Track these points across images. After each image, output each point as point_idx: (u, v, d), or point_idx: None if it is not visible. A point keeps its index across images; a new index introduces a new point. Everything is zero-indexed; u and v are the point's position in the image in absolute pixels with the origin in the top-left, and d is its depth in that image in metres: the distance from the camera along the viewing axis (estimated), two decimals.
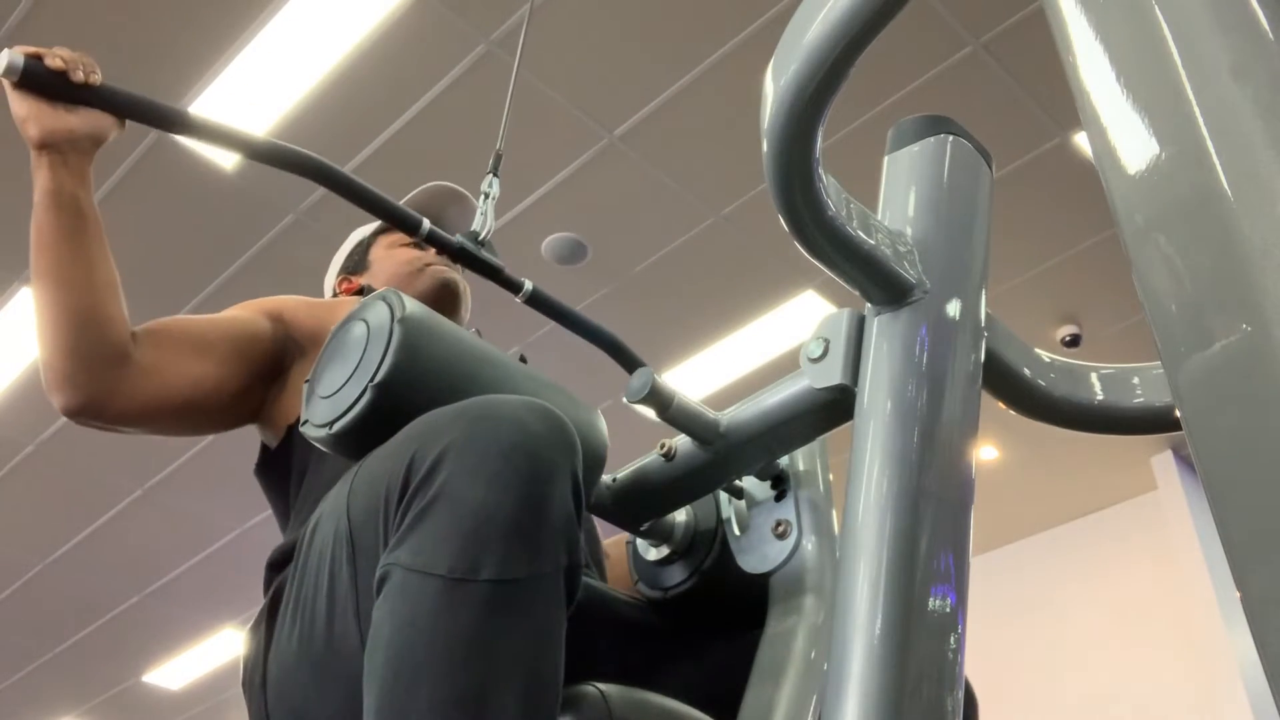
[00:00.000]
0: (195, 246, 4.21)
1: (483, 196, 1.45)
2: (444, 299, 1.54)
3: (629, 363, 1.39)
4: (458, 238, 1.34)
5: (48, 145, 1.16)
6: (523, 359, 1.44)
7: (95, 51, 1.25)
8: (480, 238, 1.37)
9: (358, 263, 1.63)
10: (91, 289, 1.17)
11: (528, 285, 1.37)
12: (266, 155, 1.20)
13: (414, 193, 1.65)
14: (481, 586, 0.74)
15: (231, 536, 5.82)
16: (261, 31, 3.45)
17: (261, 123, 3.73)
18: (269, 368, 1.32)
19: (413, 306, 0.92)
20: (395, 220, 1.27)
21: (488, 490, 0.76)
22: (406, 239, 1.60)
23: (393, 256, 1.59)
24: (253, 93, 3.64)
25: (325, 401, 0.92)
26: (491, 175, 1.48)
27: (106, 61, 1.28)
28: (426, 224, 1.28)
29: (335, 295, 1.62)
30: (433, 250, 1.58)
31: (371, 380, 0.88)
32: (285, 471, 1.29)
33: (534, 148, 3.83)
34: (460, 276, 1.59)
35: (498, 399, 0.84)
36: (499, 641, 0.74)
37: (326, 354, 0.96)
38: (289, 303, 1.39)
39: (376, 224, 1.66)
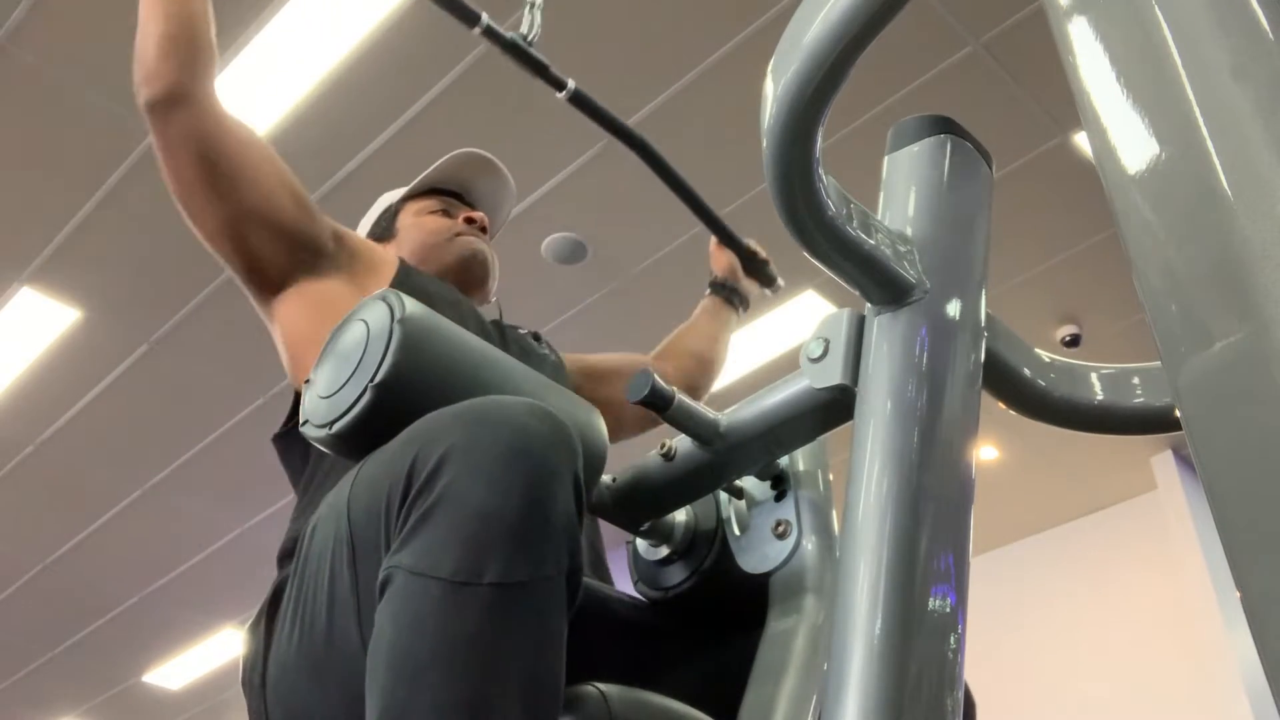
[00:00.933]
0: (195, 247, 4.21)
1: (529, 5, 1.50)
2: (472, 269, 1.53)
3: (657, 164, 1.47)
4: (510, 35, 1.41)
5: None
6: (536, 336, 1.45)
7: (95, 52, 1.25)
8: (528, 38, 1.43)
9: (385, 229, 1.61)
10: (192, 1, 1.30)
11: (570, 84, 1.42)
12: None
13: (447, 156, 1.64)
14: (484, 590, 0.74)
15: (231, 536, 5.82)
16: (262, 31, 3.45)
17: (262, 123, 3.73)
18: (310, 247, 1.35)
19: (413, 307, 0.92)
20: (456, 10, 1.36)
21: (490, 493, 0.76)
22: (433, 206, 1.60)
23: (421, 225, 1.57)
24: (253, 92, 3.64)
25: (325, 401, 0.92)
26: None
27: (107, 62, 1.29)
28: (485, 18, 1.38)
29: None
30: (461, 219, 1.58)
31: (371, 381, 0.88)
32: (305, 446, 1.28)
33: (534, 148, 3.83)
34: (489, 248, 1.58)
35: (499, 401, 0.84)
36: (502, 645, 0.74)
37: (326, 354, 0.95)
38: (349, 231, 1.45)
39: (404, 190, 1.65)
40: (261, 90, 3.64)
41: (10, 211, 3.98)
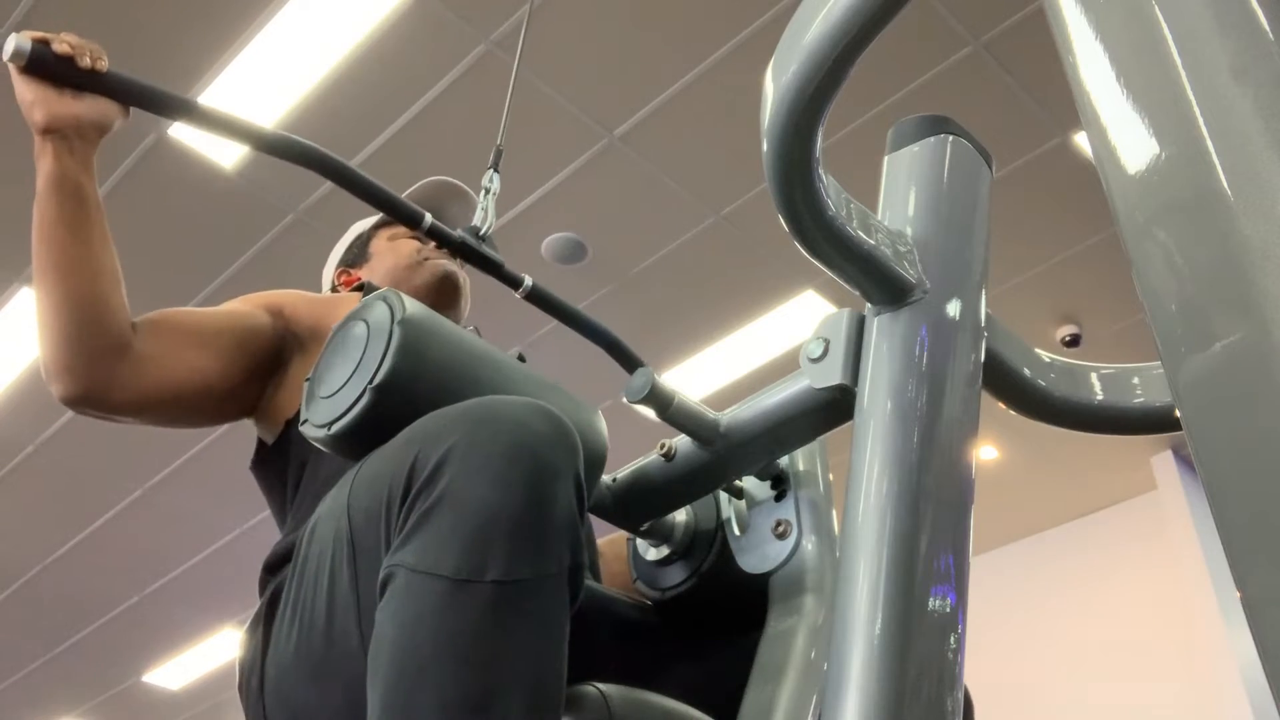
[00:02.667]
0: (195, 246, 4.21)
1: (483, 192, 1.46)
2: (444, 292, 1.54)
3: (628, 361, 1.39)
4: (459, 233, 1.34)
5: (53, 131, 1.16)
6: (521, 358, 1.45)
7: None
8: (481, 233, 1.37)
9: (357, 255, 1.63)
10: (93, 277, 1.17)
11: (527, 281, 1.37)
12: (271, 146, 1.20)
13: (415, 187, 1.65)
14: (486, 588, 0.74)
15: (231, 536, 5.82)
16: (262, 31, 3.45)
17: (262, 122, 3.73)
18: (268, 362, 1.32)
19: (413, 308, 0.92)
20: (398, 214, 1.27)
21: (491, 491, 0.76)
22: (407, 232, 1.61)
23: (393, 249, 1.59)
24: (253, 92, 3.64)
25: (325, 402, 0.92)
26: (492, 170, 1.49)
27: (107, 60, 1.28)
28: (429, 218, 1.29)
29: (334, 288, 1.62)
30: (433, 244, 1.58)
31: (371, 381, 0.88)
32: (283, 468, 1.29)
33: (534, 148, 3.83)
34: (461, 270, 1.60)
35: (500, 400, 0.84)
36: (504, 642, 0.74)
37: (327, 354, 0.95)
38: (289, 297, 1.39)
39: (376, 217, 1.66)
40: (262, 90, 3.64)
41: (10, 211, 3.98)
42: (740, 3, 3.45)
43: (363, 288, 1.53)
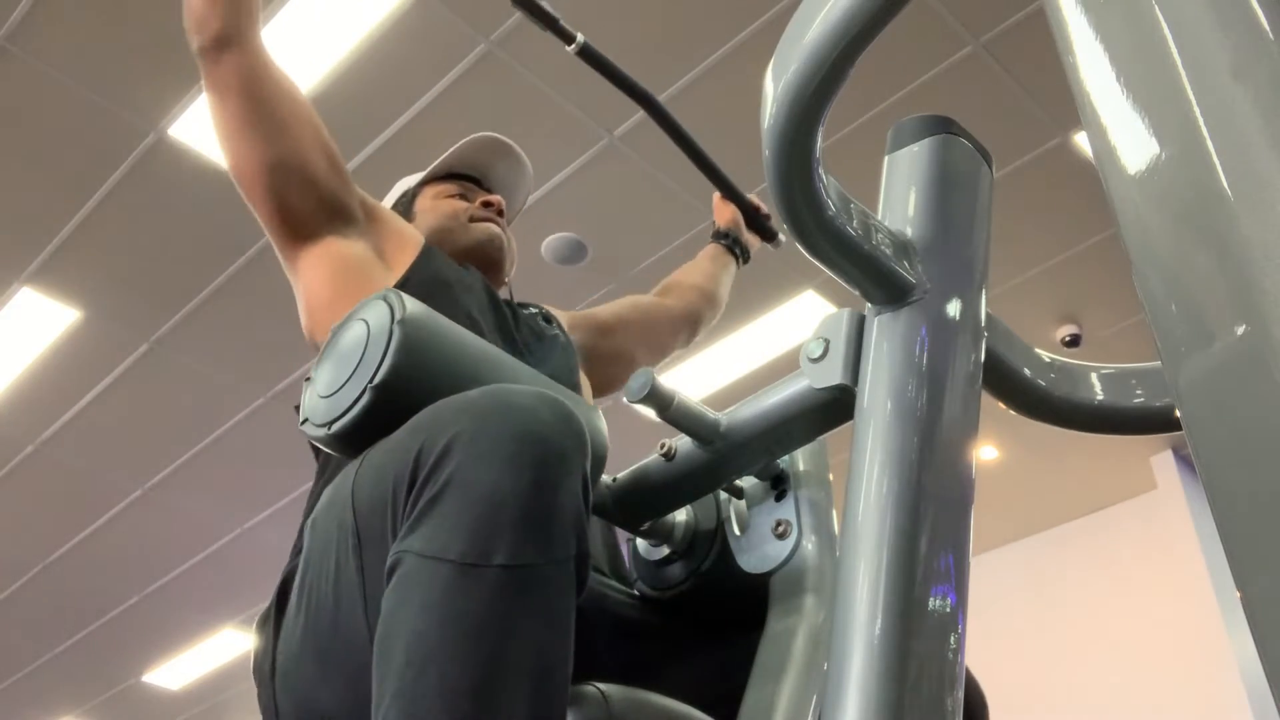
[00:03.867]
0: (195, 246, 4.21)
1: None
2: (488, 252, 1.55)
3: (663, 118, 1.49)
4: None
5: None
6: (546, 317, 1.47)
7: (95, 51, 1.25)
8: None
9: (403, 212, 1.62)
10: None
11: (580, 38, 1.43)
12: None
13: (464, 140, 1.65)
14: (494, 572, 0.74)
15: (231, 536, 5.82)
16: (261, 31, 3.45)
17: None
18: (337, 207, 1.38)
19: (413, 307, 0.92)
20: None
21: (499, 476, 0.76)
22: (451, 190, 1.61)
23: (438, 208, 1.59)
24: None
25: (324, 401, 0.92)
26: None
27: (106, 60, 1.29)
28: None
29: None
30: (478, 203, 1.59)
31: (370, 381, 0.88)
32: None
33: (534, 148, 3.82)
34: (506, 231, 1.60)
35: (507, 388, 0.84)
36: (510, 627, 0.74)
37: (326, 353, 0.96)
38: (378, 204, 1.48)
39: (422, 174, 1.66)
40: None
41: (10, 211, 3.98)
42: (740, 3, 3.45)
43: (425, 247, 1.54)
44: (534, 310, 1.56)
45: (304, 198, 1.36)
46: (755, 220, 2.02)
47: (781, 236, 2.03)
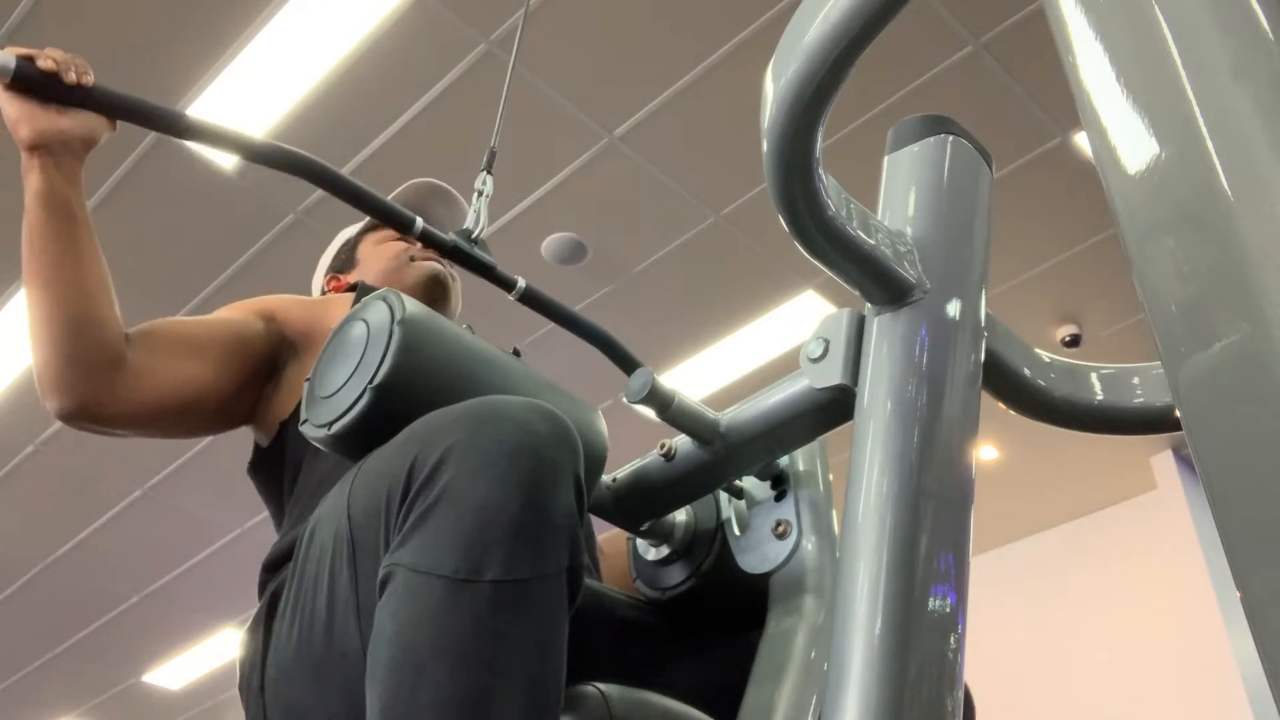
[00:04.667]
0: (195, 247, 4.21)
1: (476, 194, 1.45)
2: (433, 292, 1.55)
3: (625, 362, 1.39)
4: (450, 236, 1.33)
5: (39, 147, 1.14)
6: (515, 352, 1.45)
7: (95, 51, 1.24)
8: (473, 235, 1.37)
9: (345, 261, 1.63)
10: (84, 292, 1.16)
11: (521, 283, 1.36)
12: (262, 156, 1.19)
13: (399, 189, 1.65)
14: (485, 587, 0.74)
15: (231, 536, 5.82)
16: (261, 32, 3.45)
17: (261, 122, 3.74)
18: (263, 368, 1.32)
19: (413, 308, 0.92)
20: (389, 219, 1.27)
21: (491, 491, 0.76)
22: (393, 235, 1.61)
23: (381, 252, 1.60)
24: (253, 92, 3.64)
25: (325, 402, 0.92)
26: (485, 173, 1.48)
27: (107, 61, 1.28)
28: (420, 222, 1.28)
29: (324, 294, 1.62)
30: (420, 244, 1.59)
31: (371, 382, 0.88)
32: (279, 469, 1.29)
33: (534, 148, 3.83)
34: (450, 270, 1.60)
35: (500, 400, 0.84)
36: (502, 642, 0.74)
37: (326, 354, 0.96)
38: (281, 302, 1.39)
39: (363, 222, 1.67)
40: (261, 90, 3.64)
41: (10, 212, 3.98)
42: (740, 3, 3.44)
43: (354, 288, 1.53)
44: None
45: (242, 406, 1.32)
46: None
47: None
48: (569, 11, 3.42)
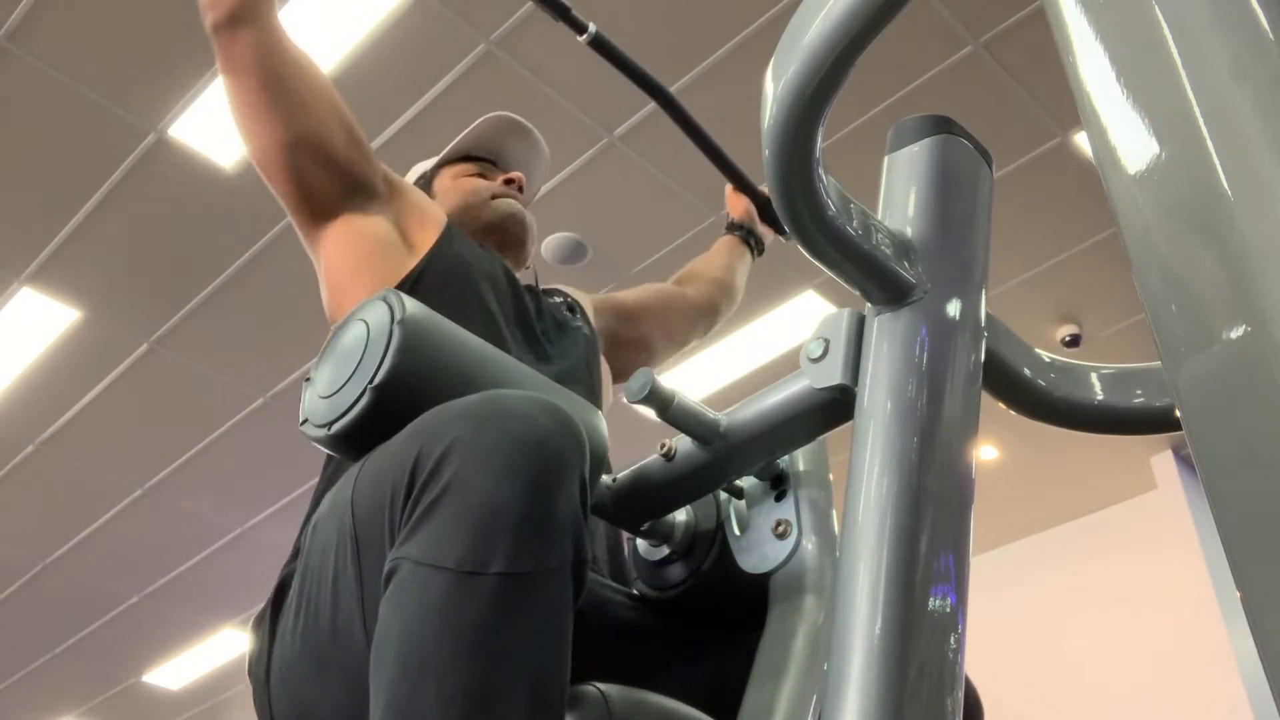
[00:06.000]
0: (195, 247, 4.21)
1: None
2: (511, 229, 1.54)
3: (678, 114, 1.44)
4: None
5: None
6: (570, 307, 1.47)
7: (93, 54, 1.25)
8: None
9: None
10: None
11: (592, 28, 1.42)
12: None
13: (478, 121, 1.65)
14: (491, 579, 0.74)
15: (231, 536, 5.82)
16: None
17: None
18: (359, 183, 1.37)
19: (413, 307, 0.92)
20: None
21: (496, 484, 0.76)
22: (470, 170, 1.61)
23: (458, 187, 1.58)
24: None
25: (324, 401, 0.92)
26: None
27: (106, 61, 1.29)
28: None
29: None
30: (500, 180, 1.58)
31: (370, 382, 0.88)
32: None
33: None
34: (527, 210, 1.59)
35: (504, 394, 0.84)
36: (508, 634, 0.74)
37: (326, 354, 0.96)
38: (401, 179, 1.48)
39: (437, 157, 1.66)
40: None
41: (10, 211, 3.98)
42: (740, 3, 3.45)
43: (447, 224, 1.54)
44: (559, 299, 1.54)
45: (323, 176, 1.36)
46: (768, 212, 1.99)
47: None
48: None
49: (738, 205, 1.99)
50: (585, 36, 1.40)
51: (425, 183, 1.63)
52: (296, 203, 1.37)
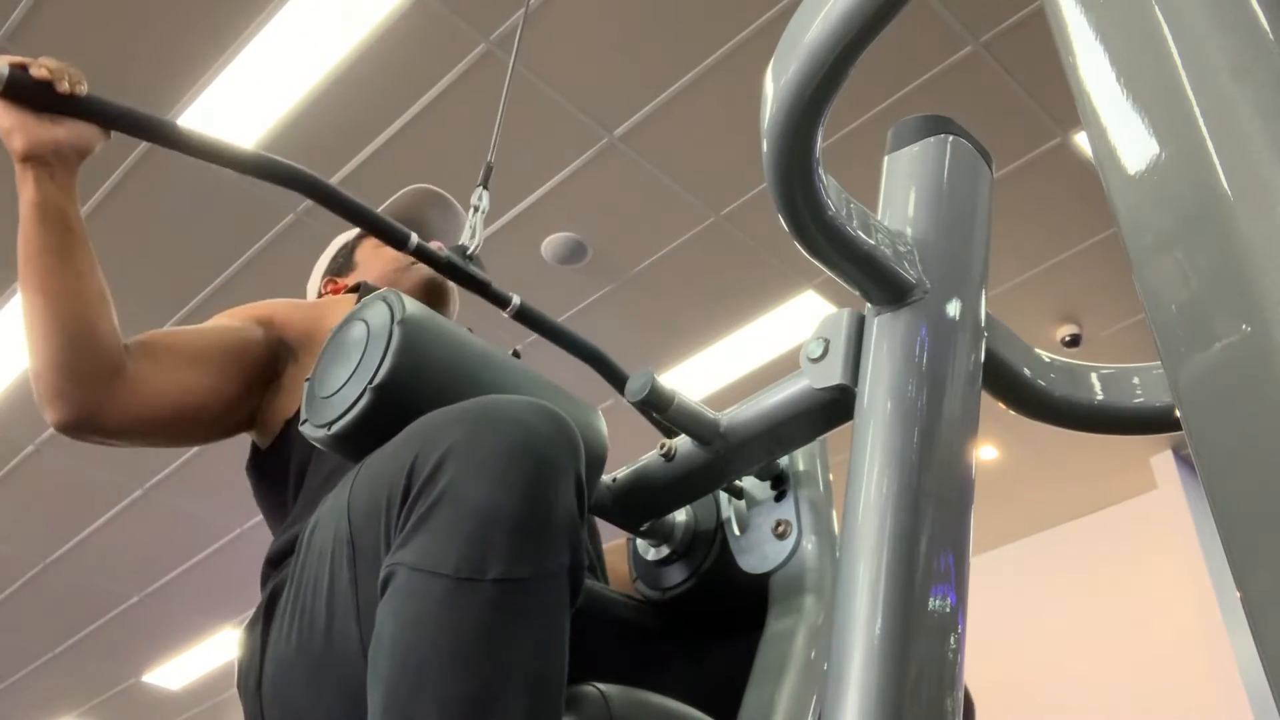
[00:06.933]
0: (195, 247, 4.21)
1: (472, 210, 1.44)
2: (432, 296, 1.55)
3: (614, 376, 1.38)
4: (445, 253, 1.32)
5: (33, 157, 1.13)
6: (515, 354, 1.45)
7: (94, 54, 1.24)
8: (469, 252, 1.36)
9: (343, 264, 1.64)
10: (81, 303, 1.15)
11: (515, 300, 1.35)
12: (255, 168, 1.17)
13: (395, 196, 1.65)
14: (487, 586, 0.74)
15: (231, 536, 5.82)
16: (261, 31, 3.45)
17: (261, 122, 3.74)
18: (263, 373, 1.32)
19: (413, 308, 0.92)
20: (383, 234, 1.25)
21: (492, 490, 0.76)
22: None
23: (379, 256, 1.60)
24: (254, 92, 3.64)
25: (325, 402, 0.92)
26: (481, 188, 1.47)
27: (106, 62, 1.28)
28: (414, 239, 1.27)
29: (320, 297, 1.62)
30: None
31: (371, 382, 0.88)
32: (283, 467, 1.29)
33: (534, 148, 3.83)
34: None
35: (500, 399, 0.84)
36: (504, 641, 0.74)
37: (327, 354, 0.96)
38: (278, 306, 1.38)
39: (357, 230, 1.67)
40: (262, 90, 3.64)
41: (10, 212, 3.98)
42: (740, 3, 3.44)
43: (357, 289, 1.53)
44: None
45: (244, 412, 1.32)
46: None
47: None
48: (569, 11, 3.42)
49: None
50: (509, 310, 1.34)
51: (348, 252, 1.64)
52: (227, 436, 1.35)
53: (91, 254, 1.18)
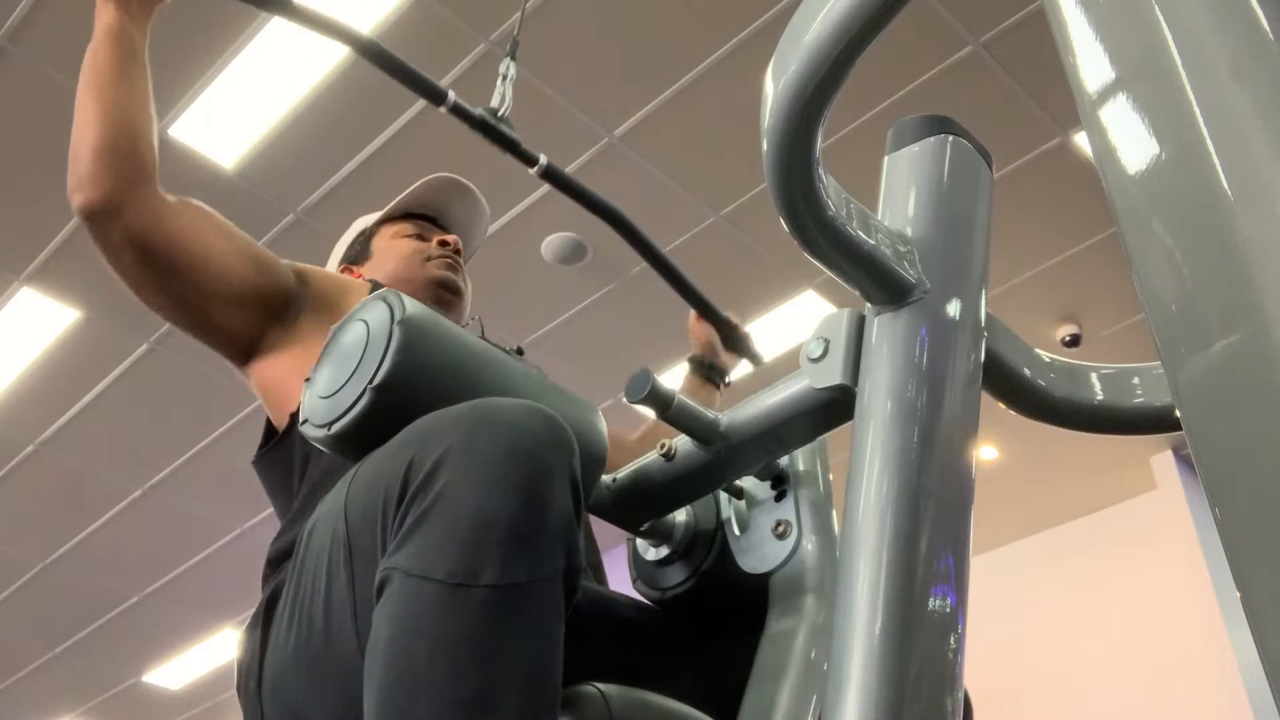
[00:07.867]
0: None
1: (501, 78, 1.50)
2: (442, 294, 1.55)
3: (633, 236, 1.46)
4: (479, 110, 1.40)
5: None
6: (519, 351, 1.46)
7: None
8: (500, 113, 1.42)
9: (359, 252, 1.63)
10: (132, 110, 1.23)
11: (542, 159, 1.41)
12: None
13: (418, 183, 1.65)
14: (482, 591, 0.74)
15: (231, 536, 5.82)
16: (262, 31, 3.45)
17: (260, 122, 3.74)
18: (275, 299, 1.33)
19: (413, 308, 0.92)
20: (422, 90, 1.36)
21: (487, 494, 0.76)
22: (409, 230, 1.61)
23: (395, 248, 1.59)
24: (252, 92, 3.64)
25: (324, 402, 0.92)
26: (509, 59, 1.55)
27: None
28: (451, 95, 1.36)
29: None
30: (435, 242, 1.59)
31: (370, 382, 0.88)
32: (288, 459, 1.29)
33: (534, 148, 3.82)
34: (462, 274, 1.60)
35: (496, 402, 0.84)
36: (499, 646, 0.74)
37: (326, 354, 0.95)
38: (314, 268, 1.43)
39: (379, 214, 1.66)
40: (261, 89, 3.64)
41: (10, 211, 3.98)
42: (740, 3, 3.45)
43: (376, 287, 1.53)
44: (507, 349, 1.56)
45: (239, 319, 1.32)
46: (733, 339, 1.86)
47: (764, 359, 1.84)
48: (569, 11, 3.42)
49: (700, 335, 1.86)
50: (536, 169, 1.40)
51: (366, 238, 1.64)
52: (222, 350, 1.35)
53: (148, 85, 1.27)
